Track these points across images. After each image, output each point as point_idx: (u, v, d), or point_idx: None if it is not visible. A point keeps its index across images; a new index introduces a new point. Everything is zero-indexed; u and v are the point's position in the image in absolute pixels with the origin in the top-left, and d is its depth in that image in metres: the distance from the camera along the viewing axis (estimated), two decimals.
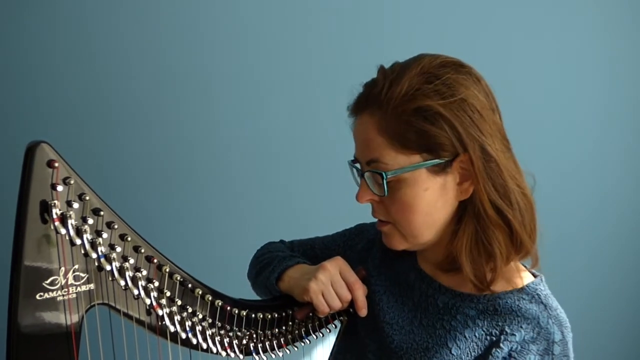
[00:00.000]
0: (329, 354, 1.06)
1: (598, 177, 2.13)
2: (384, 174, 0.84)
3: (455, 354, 0.87)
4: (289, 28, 1.88)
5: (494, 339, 0.85)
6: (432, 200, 0.85)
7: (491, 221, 0.84)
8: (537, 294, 0.88)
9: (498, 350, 0.84)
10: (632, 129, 2.15)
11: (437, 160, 0.83)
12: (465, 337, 0.87)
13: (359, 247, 1.08)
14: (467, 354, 0.87)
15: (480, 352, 0.86)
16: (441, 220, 0.88)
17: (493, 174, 0.83)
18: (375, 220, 1.05)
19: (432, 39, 1.88)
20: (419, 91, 0.82)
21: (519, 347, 0.84)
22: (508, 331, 0.85)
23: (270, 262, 1.06)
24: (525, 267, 0.94)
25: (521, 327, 0.84)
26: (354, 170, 0.93)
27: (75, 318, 0.81)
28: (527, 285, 0.89)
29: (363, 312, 0.96)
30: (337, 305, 0.94)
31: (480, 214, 0.84)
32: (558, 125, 2.07)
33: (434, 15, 1.94)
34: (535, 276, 0.92)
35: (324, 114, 1.87)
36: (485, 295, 0.89)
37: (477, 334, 0.87)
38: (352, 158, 0.93)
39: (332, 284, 0.94)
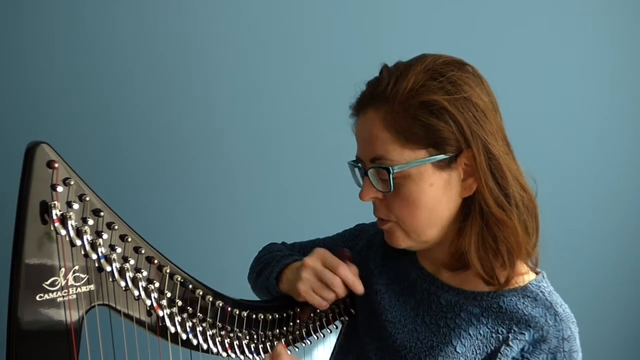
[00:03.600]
0: (330, 355, 1.06)
1: (599, 179, 2.13)
2: (390, 168, 0.83)
3: (460, 351, 0.87)
4: (289, 29, 1.88)
5: (502, 337, 0.86)
6: (437, 196, 0.85)
7: (496, 218, 0.84)
8: (541, 291, 0.88)
9: (508, 349, 0.85)
10: (633, 129, 2.15)
11: (442, 156, 0.84)
12: (469, 334, 0.87)
13: (359, 247, 1.08)
14: (472, 351, 0.87)
15: (487, 350, 0.86)
16: (445, 217, 0.87)
17: (496, 172, 0.84)
18: (375, 220, 1.05)
19: (435, 40, 1.87)
20: (424, 87, 0.83)
21: (531, 348, 0.84)
22: (517, 330, 0.85)
23: (269, 263, 1.06)
24: (526, 264, 0.93)
25: (529, 325, 0.84)
26: (356, 170, 0.92)
27: (75, 319, 0.81)
28: (530, 283, 0.89)
29: (358, 288, 0.94)
30: (330, 294, 0.93)
31: (484, 210, 0.85)
32: (560, 126, 2.07)
33: (437, 16, 1.94)
34: (537, 273, 0.92)
35: (326, 115, 1.87)
36: (489, 293, 0.89)
37: (481, 332, 0.87)
38: (353, 159, 0.93)
39: (318, 276, 0.93)
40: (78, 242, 0.79)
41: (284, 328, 0.98)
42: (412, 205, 0.85)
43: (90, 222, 0.80)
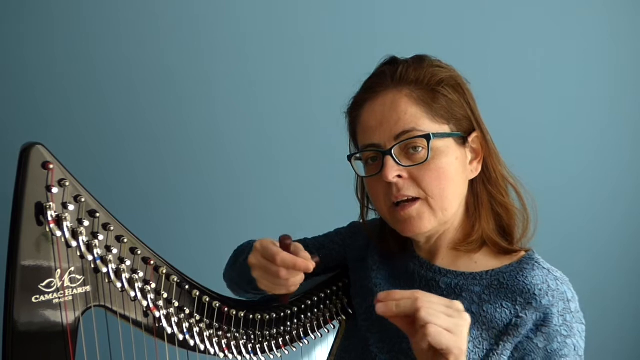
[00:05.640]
0: (327, 354, 1.06)
1: (599, 180, 2.12)
2: (430, 134, 0.87)
3: None
4: (289, 28, 1.88)
5: (508, 311, 0.86)
6: (459, 170, 0.91)
7: (504, 191, 0.94)
8: (536, 262, 0.91)
9: (518, 319, 0.85)
10: (634, 130, 2.14)
11: (460, 133, 0.91)
12: (472, 312, 0.87)
13: (358, 244, 1.09)
14: (478, 328, 0.87)
15: (494, 326, 0.86)
16: (463, 195, 0.93)
17: (495, 153, 0.95)
18: (370, 219, 1.05)
19: (434, 40, 1.87)
20: (440, 69, 0.92)
21: (542, 316, 0.85)
22: (522, 301, 0.86)
23: (243, 251, 1.08)
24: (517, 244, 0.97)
25: (534, 294, 0.86)
26: (359, 162, 0.95)
27: (71, 320, 0.81)
28: (523, 257, 0.92)
29: (302, 267, 0.86)
30: (286, 281, 0.88)
31: (493, 184, 0.93)
32: (561, 128, 2.06)
33: (437, 16, 1.93)
34: (526, 250, 0.95)
35: (326, 114, 1.87)
36: (487, 272, 0.91)
37: (484, 309, 0.88)
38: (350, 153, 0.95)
39: (265, 271, 0.89)
40: (74, 244, 0.79)
41: (281, 328, 0.98)
42: (443, 177, 0.88)
43: (86, 223, 0.80)
